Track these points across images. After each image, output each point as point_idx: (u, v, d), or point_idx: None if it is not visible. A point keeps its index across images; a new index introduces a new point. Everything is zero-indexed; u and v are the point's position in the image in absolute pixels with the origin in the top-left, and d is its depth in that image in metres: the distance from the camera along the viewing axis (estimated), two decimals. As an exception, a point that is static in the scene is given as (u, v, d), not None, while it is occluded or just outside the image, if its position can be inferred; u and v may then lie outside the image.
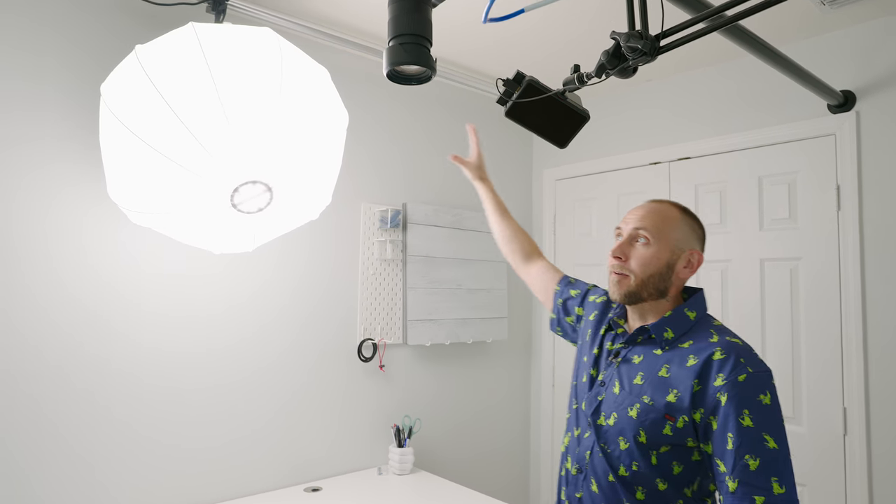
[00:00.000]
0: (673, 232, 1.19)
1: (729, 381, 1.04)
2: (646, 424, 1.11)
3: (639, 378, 1.16)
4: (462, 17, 2.06)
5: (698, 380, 1.07)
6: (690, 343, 1.14)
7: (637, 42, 0.97)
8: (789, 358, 2.14)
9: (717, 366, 1.06)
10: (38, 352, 1.61)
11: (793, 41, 2.19)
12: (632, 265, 1.19)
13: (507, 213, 1.71)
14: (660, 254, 1.18)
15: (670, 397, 1.10)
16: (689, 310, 1.19)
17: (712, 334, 1.13)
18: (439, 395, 2.58)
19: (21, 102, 1.61)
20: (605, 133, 2.80)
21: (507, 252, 1.69)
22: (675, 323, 1.17)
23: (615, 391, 1.19)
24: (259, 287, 2.05)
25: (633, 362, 1.20)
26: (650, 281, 1.18)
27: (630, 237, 1.21)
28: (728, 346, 1.08)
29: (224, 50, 1.41)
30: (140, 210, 1.50)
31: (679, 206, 1.24)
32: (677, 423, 1.08)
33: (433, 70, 1.00)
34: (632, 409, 1.14)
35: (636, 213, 1.23)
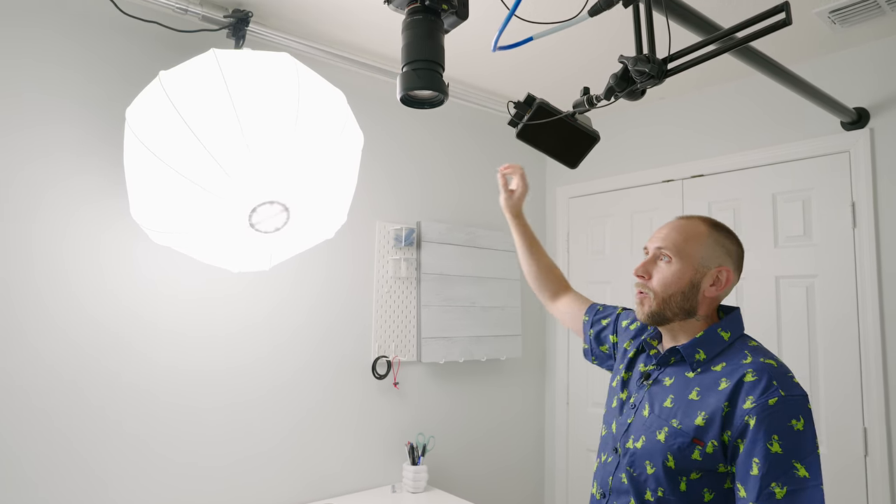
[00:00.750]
0: (698, 249, 1.15)
1: (758, 405, 0.99)
2: (674, 449, 1.07)
3: (668, 401, 1.13)
4: (477, 42, 2.10)
5: (728, 402, 1.03)
6: (723, 365, 1.09)
7: (644, 66, 0.99)
8: (807, 376, 2.12)
9: (748, 388, 1.02)
10: (52, 368, 1.65)
11: (805, 59, 2.20)
12: (653, 284, 1.17)
13: (537, 250, 1.66)
14: (682, 272, 1.14)
15: (699, 420, 1.05)
16: (722, 330, 1.14)
17: (746, 355, 1.08)
18: (453, 413, 2.58)
19: (43, 116, 1.67)
20: (618, 151, 2.81)
21: (535, 287, 1.66)
22: (707, 344, 1.13)
23: (644, 414, 1.16)
24: (276, 306, 2.08)
25: (664, 384, 1.16)
26: (672, 300, 1.15)
27: (654, 255, 1.19)
28: (760, 368, 1.04)
29: (244, 75, 1.46)
30: (161, 230, 1.55)
31: (709, 222, 1.19)
32: (706, 448, 1.04)
33: (445, 94, 1.03)
34: (660, 432, 1.10)
35: (662, 231, 1.20)
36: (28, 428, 1.59)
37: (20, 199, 1.61)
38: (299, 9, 1.92)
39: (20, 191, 1.61)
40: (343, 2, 1.88)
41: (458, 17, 1.07)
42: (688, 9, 1.30)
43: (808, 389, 2.11)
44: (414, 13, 1.03)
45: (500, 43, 0.88)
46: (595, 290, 2.81)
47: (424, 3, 1.02)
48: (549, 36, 2.06)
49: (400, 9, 1.05)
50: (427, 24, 1.03)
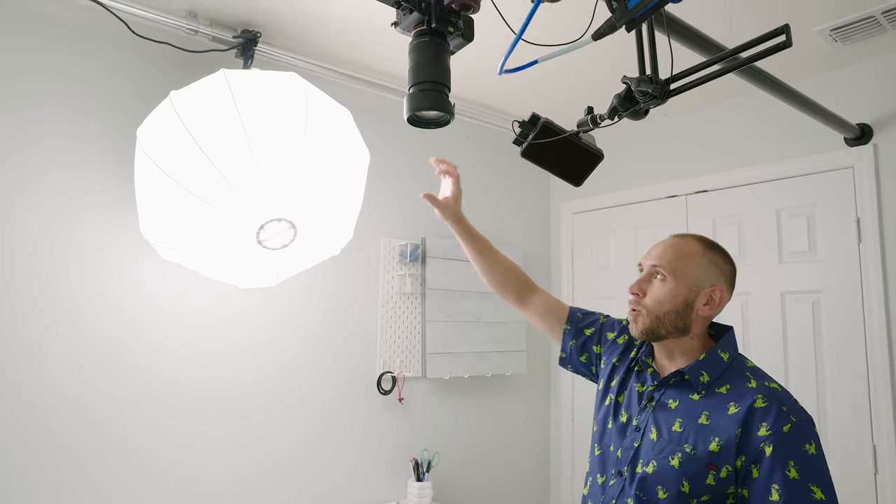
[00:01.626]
0: (691, 268, 1.16)
1: (774, 432, 1.01)
2: (689, 475, 1.06)
3: (677, 425, 1.12)
4: (482, 62, 2.13)
5: (742, 429, 1.04)
6: (728, 388, 1.10)
7: (647, 86, 1.00)
8: (814, 393, 2.11)
9: (761, 414, 1.03)
10: (56, 383, 1.66)
11: (808, 76, 2.22)
12: (647, 302, 1.17)
13: (489, 251, 1.55)
14: (676, 291, 1.15)
15: (713, 447, 1.06)
16: (722, 351, 1.15)
17: (749, 378, 1.10)
18: (458, 429, 2.57)
19: (60, 129, 1.70)
20: (621, 167, 2.83)
21: (499, 292, 1.55)
22: (709, 366, 1.14)
23: (652, 438, 1.14)
24: (282, 322, 2.09)
25: (669, 407, 1.15)
26: (666, 318, 1.15)
27: (648, 273, 1.19)
28: (769, 394, 1.06)
29: (253, 95, 1.49)
30: (170, 247, 1.56)
31: (704, 241, 1.21)
32: (720, 474, 1.04)
33: (451, 115, 1.04)
34: (673, 458, 1.09)
35: (656, 249, 1.21)
36: (32, 443, 1.60)
37: (29, 212, 1.64)
38: (306, 29, 1.96)
39: (31, 202, 1.64)
40: (348, 22, 1.91)
41: (464, 39, 1.08)
42: (690, 29, 1.32)
43: (816, 407, 2.10)
44: (421, 35, 1.05)
45: (505, 66, 0.90)
46: (600, 305, 2.81)
47: (431, 25, 1.03)
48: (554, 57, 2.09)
49: (407, 31, 1.07)
50: (433, 46, 1.05)
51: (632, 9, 0.74)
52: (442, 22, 1.04)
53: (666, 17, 1.23)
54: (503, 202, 2.89)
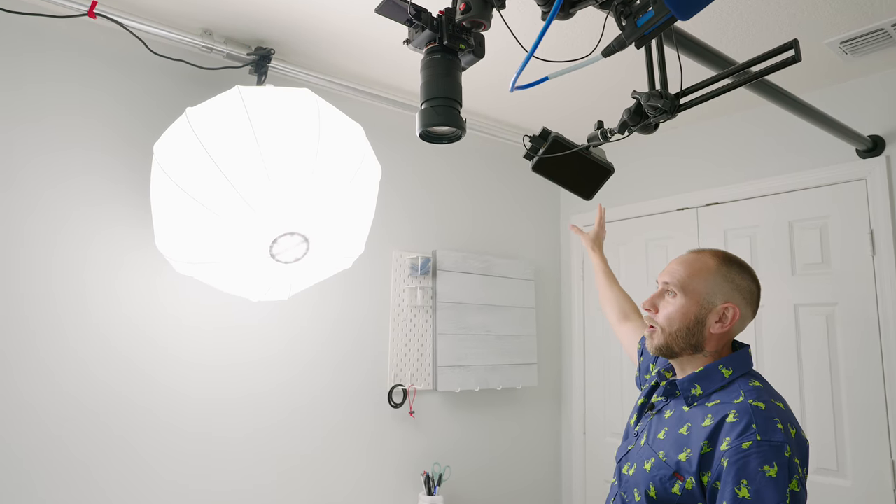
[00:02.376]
0: (703, 285, 1.15)
1: (732, 447, 0.99)
2: (656, 480, 1.08)
3: (662, 433, 1.15)
4: (492, 77, 2.15)
5: (708, 441, 1.04)
6: (716, 403, 1.09)
7: (657, 101, 1.01)
8: (829, 406, 2.08)
9: (727, 429, 1.02)
10: (71, 395, 1.68)
11: (818, 88, 2.22)
12: (659, 318, 1.18)
13: (612, 281, 1.78)
14: (687, 308, 1.14)
15: (682, 456, 1.07)
16: (724, 367, 1.13)
17: (740, 395, 1.07)
18: (469, 442, 2.56)
19: (73, 139, 1.73)
20: (632, 179, 2.83)
21: (606, 313, 1.75)
22: (705, 380, 1.13)
23: (641, 443, 1.20)
24: (294, 336, 2.10)
25: (664, 416, 1.18)
26: (678, 335, 1.15)
27: (661, 289, 1.20)
28: (744, 409, 1.03)
29: (267, 111, 1.51)
30: (185, 260, 1.58)
31: (720, 257, 1.18)
32: (685, 484, 1.04)
33: (463, 130, 1.06)
34: (647, 462, 1.12)
35: (671, 265, 1.21)
36: (44, 454, 1.61)
37: (46, 220, 1.67)
38: (319, 46, 1.99)
39: (49, 209, 1.67)
40: (360, 39, 1.94)
41: (475, 55, 1.10)
42: (699, 43, 1.33)
43: (832, 422, 2.07)
44: (432, 52, 1.07)
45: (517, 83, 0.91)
46: (611, 318, 2.80)
47: (443, 42, 1.05)
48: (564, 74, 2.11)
49: (419, 48, 1.09)
50: (445, 62, 1.06)
51: (641, 26, 0.75)
52: (453, 39, 1.06)
53: (675, 32, 1.24)
54: (513, 215, 2.90)
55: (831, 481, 2.03)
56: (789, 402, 2.17)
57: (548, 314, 2.98)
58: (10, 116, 1.63)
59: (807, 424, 2.12)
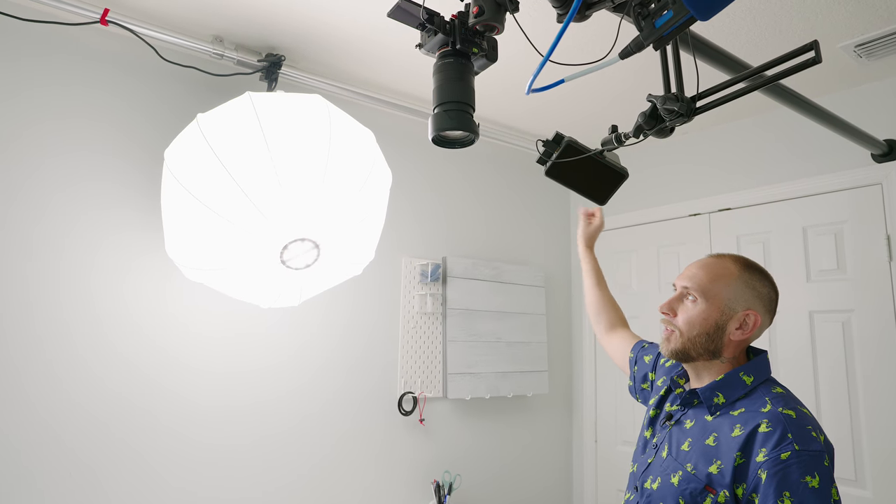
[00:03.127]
0: (724, 290, 1.13)
1: (770, 459, 0.96)
2: (685, 494, 1.05)
3: (686, 444, 1.12)
4: (503, 82, 2.15)
5: (741, 452, 1.01)
6: (742, 411, 1.07)
7: (674, 104, 1.00)
8: (846, 415, 2.04)
9: (762, 439, 0.99)
10: (79, 403, 1.68)
11: (833, 92, 2.20)
12: (678, 322, 1.16)
13: (603, 285, 1.70)
14: (707, 313, 1.12)
15: (713, 468, 1.03)
16: (745, 374, 1.11)
17: (766, 402, 1.06)
18: (479, 451, 2.54)
19: (82, 143, 1.74)
20: (643, 185, 2.81)
21: (593, 321, 1.69)
22: (727, 387, 1.11)
23: (663, 455, 1.16)
24: (304, 342, 2.09)
25: (684, 427, 1.15)
26: (697, 340, 1.13)
27: (680, 293, 1.18)
28: (776, 418, 1.01)
29: (278, 117, 1.51)
30: (195, 266, 1.58)
31: (742, 262, 1.17)
32: (718, 498, 1.01)
33: (476, 134, 1.05)
34: (674, 475, 1.09)
35: (690, 269, 1.19)
36: (50, 462, 1.61)
37: (56, 223, 1.67)
38: (329, 52, 1.99)
39: (55, 216, 1.67)
40: (370, 45, 1.94)
41: (488, 59, 1.09)
42: (714, 47, 1.31)
43: (850, 431, 2.03)
44: (445, 56, 1.06)
45: (533, 86, 0.90)
46: (622, 325, 2.78)
47: (455, 46, 1.04)
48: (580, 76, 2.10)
49: (431, 52, 1.08)
50: (458, 66, 1.06)
51: (659, 27, 0.74)
52: (466, 43, 1.06)
53: (690, 35, 1.22)
54: (524, 222, 2.88)
55: (850, 491, 1.99)
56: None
57: (558, 321, 2.96)
58: (19, 120, 1.64)
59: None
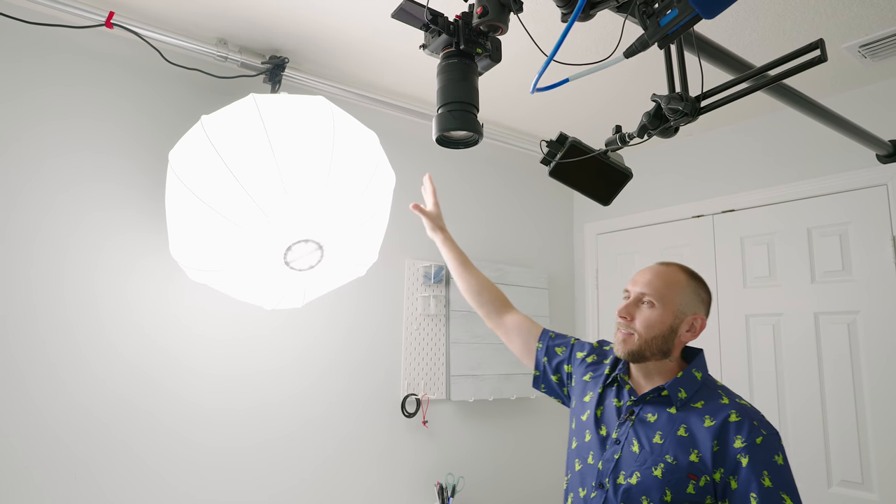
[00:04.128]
0: (677, 296, 1.25)
1: (748, 444, 1.11)
2: (671, 484, 1.14)
3: (658, 437, 1.19)
4: (505, 84, 2.15)
5: (717, 441, 1.13)
6: (703, 403, 1.20)
7: (678, 104, 0.99)
8: (853, 418, 2.03)
9: (735, 428, 1.13)
10: (82, 405, 1.68)
11: (837, 93, 2.19)
12: (637, 326, 1.24)
13: (470, 264, 1.66)
14: (664, 317, 1.23)
15: (693, 457, 1.14)
16: (696, 370, 1.25)
17: (721, 395, 1.21)
18: (483, 453, 2.53)
19: (85, 144, 1.74)
20: (646, 187, 2.81)
21: (476, 304, 1.64)
22: (686, 383, 1.23)
23: (634, 450, 1.21)
24: (308, 345, 2.09)
25: (648, 421, 1.23)
26: (654, 342, 1.23)
27: (636, 299, 1.27)
28: (741, 409, 1.16)
29: (282, 118, 1.51)
30: (199, 268, 1.58)
31: (686, 271, 1.30)
32: (699, 482, 1.12)
33: (480, 135, 1.05)
34: (656, 468, 1.16)
35: (644, 277, 1.28)
36: (51, 463, 1.61)
37: (59, 224, 1.67)
38: (332, 54, 2.00)
39: (59, 216, 1.68)
40: (373, 48, 1.94)
41: (492, 60, 1.09)
42: (717, 47, 1.31)
43: (855, 431, 2.02)
44: (449, 57, 1.06)
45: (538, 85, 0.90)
46: (626, 327, 2.77)
47: (459, 47, 1.05)
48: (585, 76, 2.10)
49: (435, 53, 1.08)
50: (462, 67, 1.06)
51: (664, 26, 0.74)
52: (470, 43, 1.06)
53: (694, 36, 1.22)
54: (526, 224, 2.88)
55: (857, 494, 1.98)
56: (811, 412, 2.12)
57: (562, 323, 2.95)
58: (22, 121, 1.65)
59: (830, 435, 2.07)
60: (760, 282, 2.34)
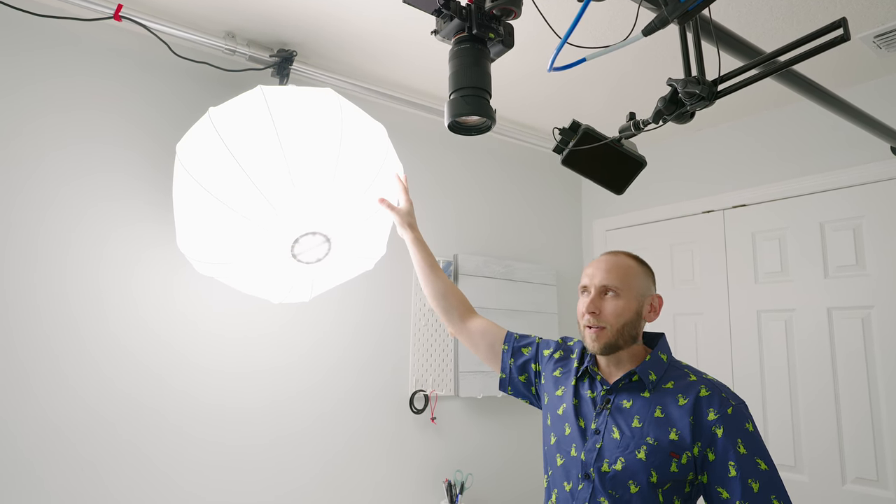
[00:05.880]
0: (635, 281, 1.29)
1: (721, 415, 1.16)
2: (656, 464, 1.17)
3: (636, 421, 1.22)
4: (511, 75, 2.13)
5: (693, 417, 1.18)
6: (673, 384, 1.24)
7: (695, 87, 0.98)
8: (867, 414, 2.00)
9: (707, 402, 1.18)
10: (88, 404, 1.67)
11: (850, 85, 2.17)
12: (607, 317, 1.26)
13: (437, 267, 1.63)
14: (628, 303, 1.27)
15: (672, 436, 1.18)
16: (661, 353, 1.30)
17: (688, 374, 1.26)
18: (491, 449, 2.51)
19: (91, 136, 1.73)
20: (655, 183, 2.79)
21: (441, 308, 1.60)
22: (654, 366, 1.27)
23: (615, 437, 1.23)
24: (316, 341, 2.08)
25: (624, 407, 1.26)
26: (625, 330, 1.26)
27: (599, 291, 1.29)
28: (709, 384, 1.22)
29: (289, 110, 1.50)
30: (206, 260, 1.57)
31: (633, 256, 1.34)
32: (681, 460, 1.16)
33: (493, 120, 1.03)
34: (639, 451, 1.19)
35: (600, 268, 1.31)
36: (55, 459, 1.60)
37: (63, 216, 1.67)
38: (340, 48, 1.98)
39: (62, 208, 1.67)
40: (381, 40, 1.93)
41: (504, 45, 1.08)
42: (733, 35, 1.29)
43: (870, 427, 2.00)
44: (461, 42, 1.05)
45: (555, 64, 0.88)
46: (635, 323, 2.75)
47: (472, 32, 1.03)
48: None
49: (447, 38, 1.07)
50: (474, 52, 1.04)
51: (684, 2, 0.72)
52: (483, 28, 1.04)
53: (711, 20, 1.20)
54: (534, 219, 2.86)
55: (872, 492, 1.95)
56: (824, 408, 2.10)
57: (570, 319, 2.93)
58: (26, 113, 1.64)
59: (844, 432, 2.05)
60: (772, 277, 2.31)
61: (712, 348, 2.44)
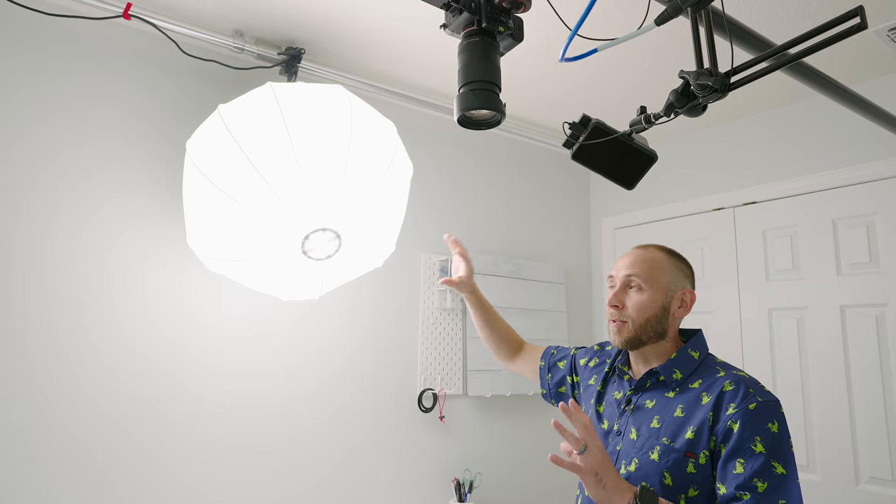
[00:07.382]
0: (663, 275, 1.25)
1: (740, 410, 1.08)
2: (668, 465, 1.12)
3: (655, 421, 1.18)
4: (521, 76, 2.12)
5: (713, 413, 1.11)
6: (700, 382, 1.18)
7: (707, 79, 0.96)
8: (882, 412, 1.98)
9: (729, 396, 1.11)
10: (92, 401, 1.67)
11: (863, 80, 2.14)
12: (629, 311, 1.24)
13: (494, 317, 1.69)
14: (654, 297, 1.23)
15: (689, 435, 1.12)
16: (692, 350, 1.23)
17: (718, 370, 1.19)
18: (500, 448, 2.50)
19: (103, 133, 1.74)
20: (664, 180, 2.77)
21: (495, 352, 1.70)
22: (681, 364, 1.21)
23: (632, 437, 1.20)
24: (326, 339, 2.08)
25: (646, 408, 1.22)
26: (648, 324, 1.22)
27: (623, 284, 1.26)
28: (736, 379, 1.14)
29: (299, 106, 1.50)
30: (217, 257, 1.57)
31: (665, 249, 1.30)
32: (699, 460, 1.10)
33: (503, 114, 1.02)
34: (653, 452, 1.15)
35: (625, 261, 1.29)
36: (65, 461, 1.60)
37: (74, 213, 1.68)
38: (348, 46, 1.98)
39: (73, 206, 1.68)
40: (389, 38, 1.93)
41: (514, 39, 1.07)
42: (745, 29, 1.28)
43: (885, 426, 1.97)
44: (470, 35, 1.04)
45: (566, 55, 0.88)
46: (645, 322, 2.73)
47: (481, 25, 1.02)
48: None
49: (456, 32, 1.06)
50: (484, 45, 1.03)
51: (698, -10, 0.71)
52: (492, 21, 1.03)
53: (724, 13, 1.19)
54: (543, 218, 2.85)
55: (886, 491, 1.93)
56: (837, 406, 2.07)
57: (579, 318, 2.91)
58: (35, 112, 1.65)
59: (857, 431, 2.02)
60: (784, 275, 2.29)
61: (723, 347, 2.42)
